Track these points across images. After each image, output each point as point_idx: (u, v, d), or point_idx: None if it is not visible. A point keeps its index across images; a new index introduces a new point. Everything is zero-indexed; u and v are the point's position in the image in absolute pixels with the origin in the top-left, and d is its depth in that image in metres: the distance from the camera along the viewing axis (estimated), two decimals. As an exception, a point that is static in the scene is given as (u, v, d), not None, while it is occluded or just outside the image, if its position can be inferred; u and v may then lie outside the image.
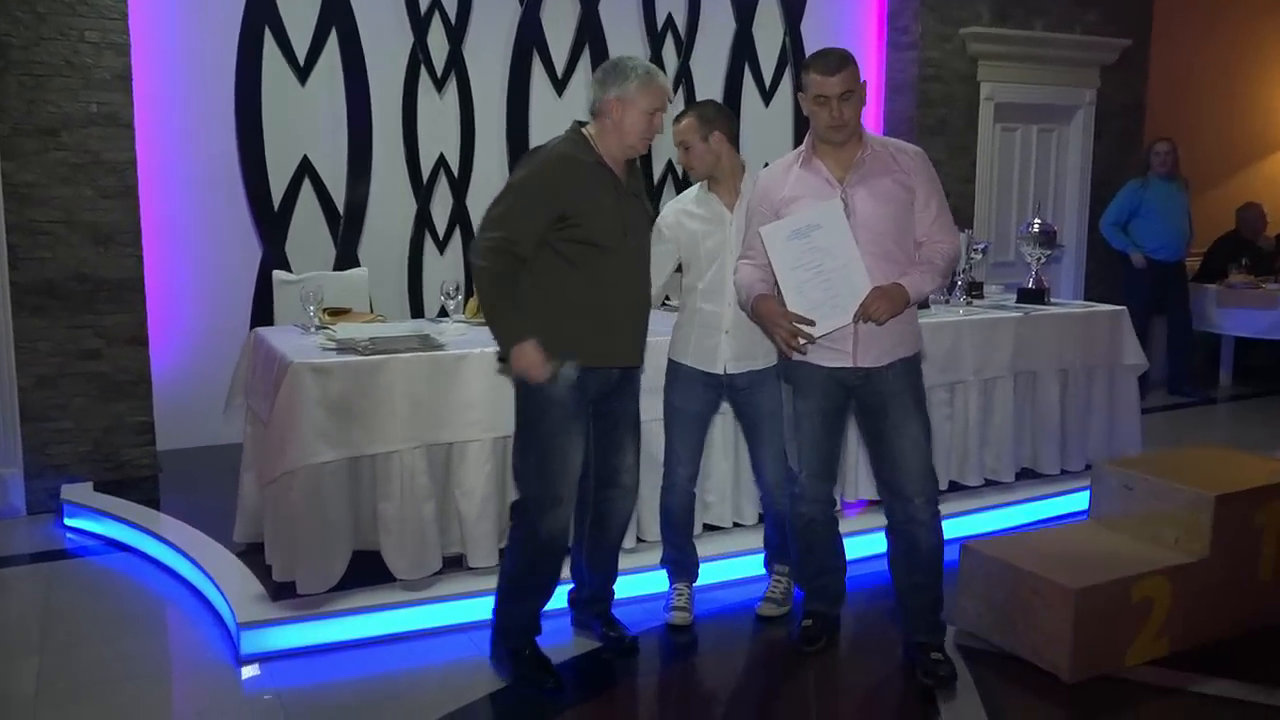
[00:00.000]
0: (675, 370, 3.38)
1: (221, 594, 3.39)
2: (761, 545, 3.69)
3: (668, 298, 3.77)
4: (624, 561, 3.35)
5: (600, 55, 5.81)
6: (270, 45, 5.15)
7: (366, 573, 3.46)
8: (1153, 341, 6.98)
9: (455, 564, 3.60)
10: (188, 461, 5.02)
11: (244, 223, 5.22)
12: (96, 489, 4.53)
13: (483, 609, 3.24)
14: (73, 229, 4.52)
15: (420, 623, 3.34)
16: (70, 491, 4.48)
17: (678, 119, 3.26)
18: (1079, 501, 4.51)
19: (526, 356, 2.77)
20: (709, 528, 4.04)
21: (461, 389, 3.48)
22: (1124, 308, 5.00)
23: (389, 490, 3.43)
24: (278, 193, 5.24)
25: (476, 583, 3.45)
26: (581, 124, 2.95)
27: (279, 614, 3.23)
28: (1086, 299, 6.69)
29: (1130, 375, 4.95)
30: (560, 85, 5.80)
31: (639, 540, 3.84)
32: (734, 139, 3.29)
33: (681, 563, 3.52)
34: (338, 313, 4.07)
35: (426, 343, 3.52)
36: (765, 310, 2.94)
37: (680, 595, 3.49)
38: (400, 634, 3.31)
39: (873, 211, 2.92)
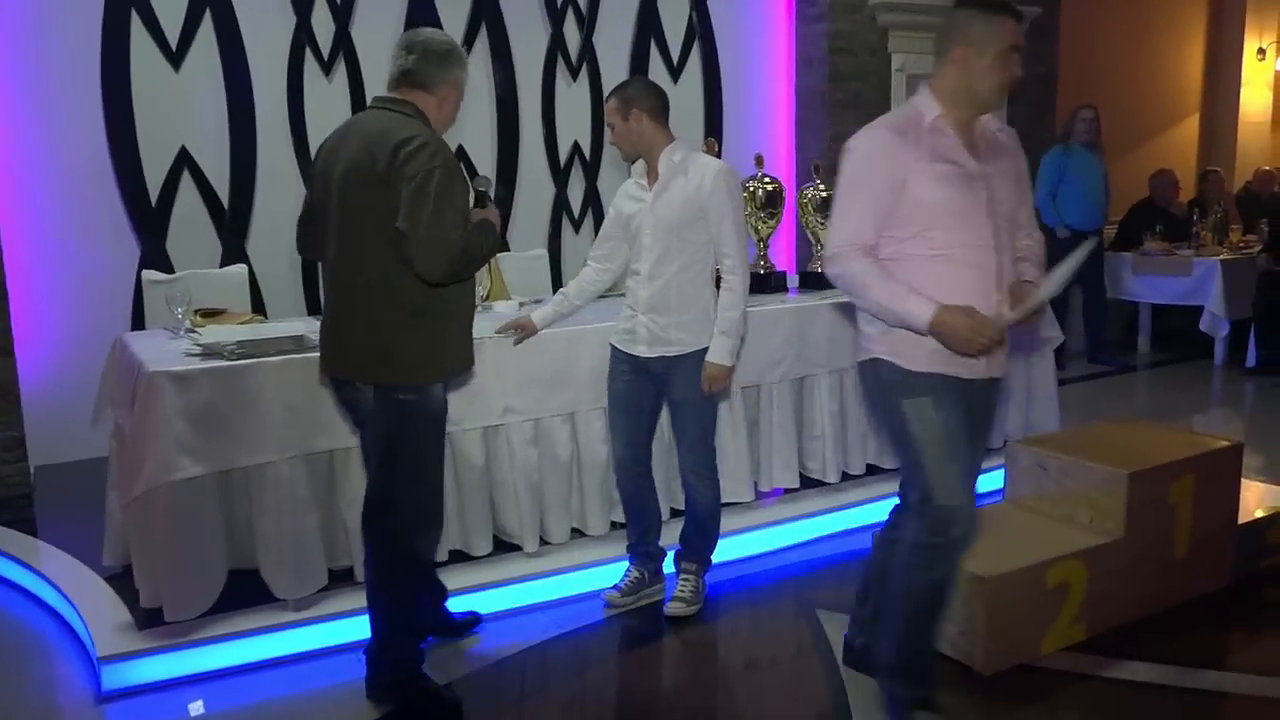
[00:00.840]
0: (611, 351, 3.36)
1: (84, 624, 3.13)
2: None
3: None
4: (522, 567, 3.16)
5: (498, 34, 5.58)
6: (139, 29, 4.82)
7: (246, 593, 3.22)
8: (1071, 312, 6.96)
9: (345, 578, 3.38)
10: (65, 477, 4.70)
11: (119, 220, 4.90)
12: (-38, 511, 4.21)
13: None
14: (-79, 232, 4.18)
15: (304, 644, 3.11)
16: (-68, 516, 4.15)
17: (606, 99, 3.26)
18: (995, 480, 4.41)
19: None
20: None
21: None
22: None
23: (265, 504, 3.19)
24: (154, 187, 4.92)
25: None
26: (393, 101, 2.66)
27: (145, 644, 2.97)
28: (1004, 271, 6.63)
29: (1046, 348, 4.87)
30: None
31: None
32: (658, 115, 3.19)
33: (633, 546, 3.45)
34: (212, 314, 3.80)
35: (301, 344, 3.28)
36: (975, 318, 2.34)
37: (629, 578, 3.45)
38: (282, 658, 3.08)
39: (1005, 196, 2.47)
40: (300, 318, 4.38)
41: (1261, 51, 8.98)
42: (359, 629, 3.13)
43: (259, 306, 4.95)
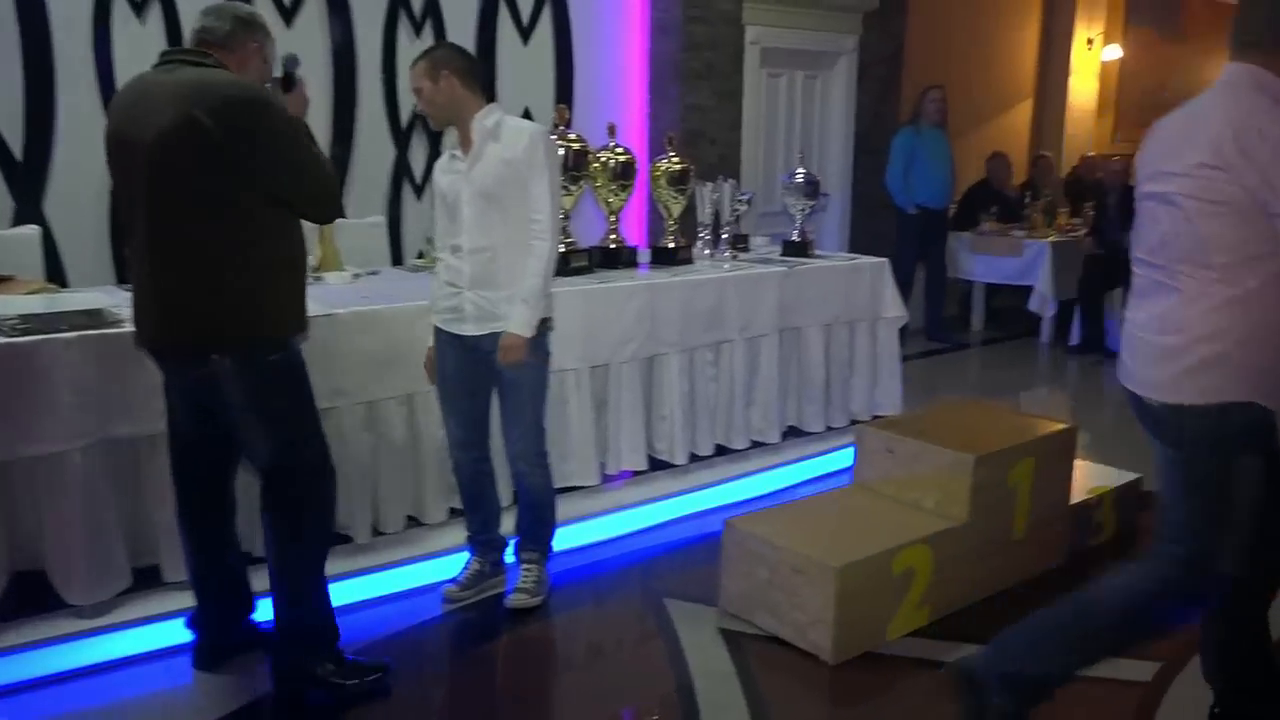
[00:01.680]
0: (435, 331, 3.16)
1: None
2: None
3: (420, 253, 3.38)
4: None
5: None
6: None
7: (29, 599, 2.88)
8: (916, 289, 7.12)
9: (150, 578, 3.06)
10: None
11: (-112, 171, 4.31)
12: None
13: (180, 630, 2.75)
14: None
15: (103, 654, 2.80)
16: None
17: (412, 64, 3.04)
18: (844, 458, 4.44)
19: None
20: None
21: (148, 373, 2.91)
22: (886, 260, 4.95)
23: (56, 499, 2.84)
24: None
25: (174, 600, 2.93)
26: (197, 53, 2.49)
27: (-95, 663, 2.61)
28: (851, 249, 6.70)
29: (892, 328, 4.92)
30: (288, 15, 5.13)
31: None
32: (469, 78, 2.99)
33: (472, 536, 3.29)
34: (-4, 281, 3.38)
35: (99, 319, 2.93)
36: None
37: (468, 570, 3.28)
38: (76, 670, 2.76)
39: None
40: (105, 287, 3.96)
41: (1090, 42, 9.38)
42: (170, 634, 2.85)
43: (56, 274, 4.45)
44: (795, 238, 4.85)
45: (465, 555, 3.31)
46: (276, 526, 2.61)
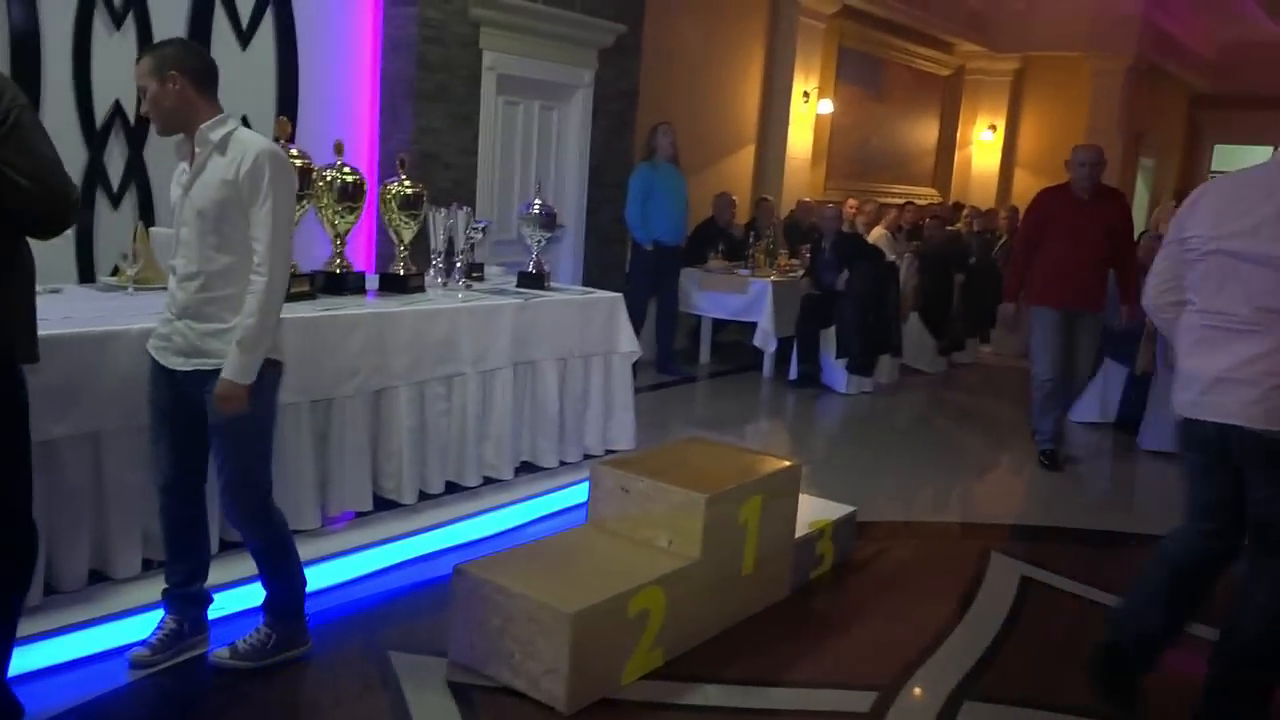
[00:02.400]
0: (149, 358, 2.85)
1: None
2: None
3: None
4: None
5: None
6: None
7: None
8: (648, 324, 7.25)
9: None
10: None
11: None
12: None
13: None
14: None
15: None
16: None
17: (138, 59, 2.75)
18: (578, 494, 4.39)
19: None
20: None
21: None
22: (620, 295, 4.97)
23: None
24: None
25: None
26: None
27: None
28: (585, 282, 6.71)
29: (625, 363, 4.94)
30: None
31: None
32: (203, 82, 2.70)
33: (170, 590, 2.94)
34: None
35: None
36: None
37: (163, 630, 2.93)
38: None
39: None
40: None
41: (806, 95, 10.03)
42: None
43: None
44: (531, 269, 4.77)
45: (159, 614, 2.94)
46: None
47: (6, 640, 2.41)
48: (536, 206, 4.76)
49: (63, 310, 3.27)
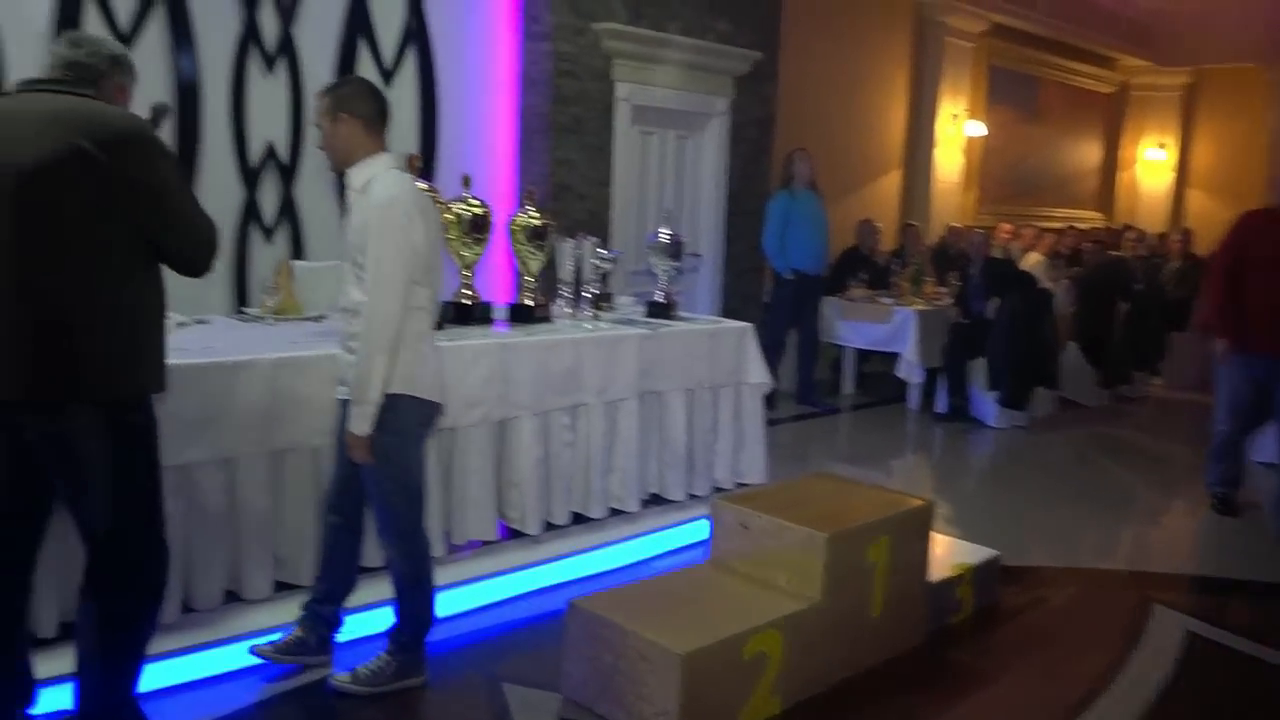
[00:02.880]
0: None
1: None
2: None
3: None
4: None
5: (180, 14, 4.87)
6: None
7: None
8: (789, 354, 7.08)
9: None
10: None
11: None
12: None
13: None
14: None
15: None
16: None
17: (317, 96, 2.89)
18: (706, 529, 4.28)
19: None
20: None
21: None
22: (750, 325, 4.86)
23: None
24: None
25: None
26: (70, 82, 2.34)
27: None
28: (723, 312, 6.62)
29: (755, 394, 4.81)
30: (127, 44, 4.77)
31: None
32: (373, 124, 2.79)
33: (309, 603, 3.02)
34: None
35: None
36: None
37: (291, 635, 3.01)
38: None
39: None
40: None
41: (955, 116, 9.69)
42: None
43: None
44: (660, 299, 4.72)
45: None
46: (104, 605, 2.40)
47: (138, 657, 2.49)
48: (665, 236, 4.72)
49: (205, 340, 3.42)
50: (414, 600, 2.95)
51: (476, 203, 4.03)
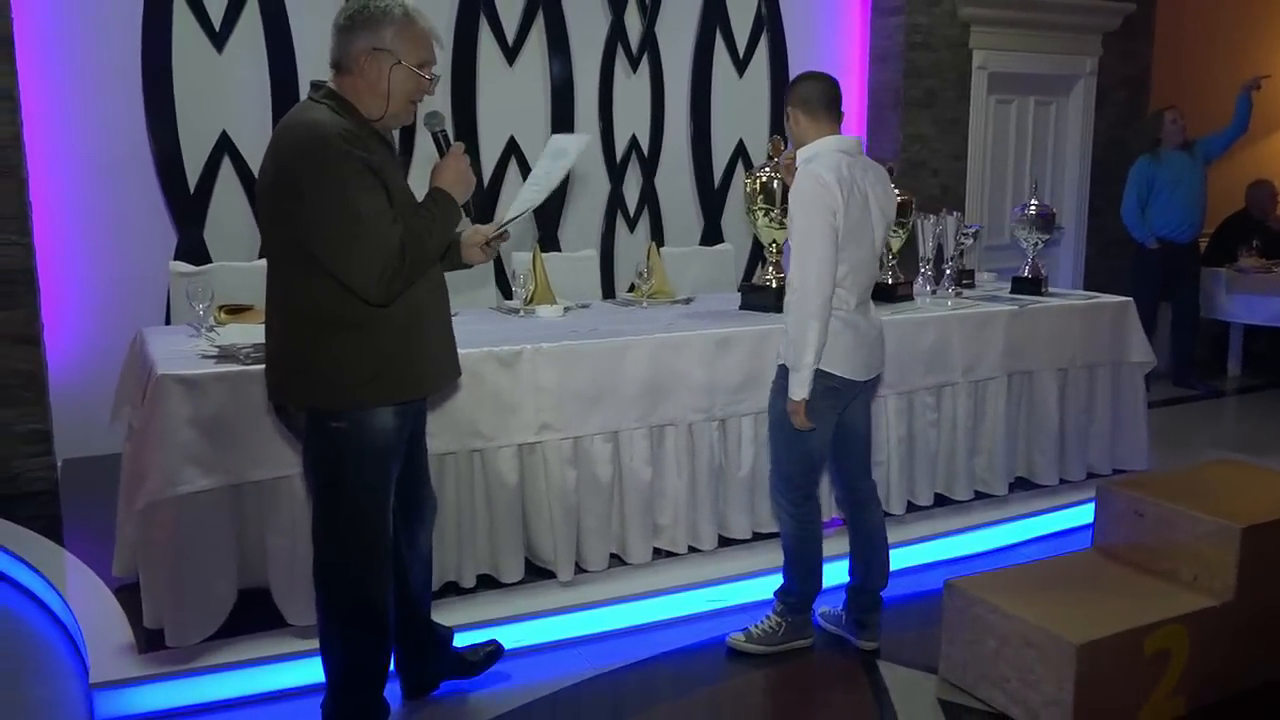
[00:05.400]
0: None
1: (82, 642, 2.91)
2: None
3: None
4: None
5: (555, 21, 5.29)
6: (181, 7, 4.62)
7: (257, 615, 2.99)
8: (1159, 330, 6.49)
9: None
10: (93, 472, 4.52)
11: (156, 206, 4.71)
12: (-17, 506, 4.04)
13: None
14: (-52, 215, 4.03)
15: (315, 676, 2.86)
16: (-51, 510, 3.99)
17: None
18: (1080, 515, 4.06)
19: None
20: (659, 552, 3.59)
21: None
22: (1130, 299, 4.52)
23: (278, 521, 2.95)
24: (193, 173, 4.73)
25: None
26: (314, 87, 2.32)
27: (143, 670, 2.74)
28: (1086, 286, 6.20)
29: (1136, 374, 4.47)
30: (511, 54, 5.27)
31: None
32: (812, 108, 2.89)
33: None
34: (237, 310, 3.58)
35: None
36: None
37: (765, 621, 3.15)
38: (292, 689, 2.83)
39: None
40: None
41: (1371, 57, 8.37)
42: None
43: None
44: (1027, 274, 4.51)
45: (670, 597, 3.23)
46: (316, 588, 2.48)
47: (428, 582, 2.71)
48: (1033, 207, 4.49)
49: (591, 323, 3.71)
50: (798, 564, 3.06)
51: (897, 191, 4.02)
